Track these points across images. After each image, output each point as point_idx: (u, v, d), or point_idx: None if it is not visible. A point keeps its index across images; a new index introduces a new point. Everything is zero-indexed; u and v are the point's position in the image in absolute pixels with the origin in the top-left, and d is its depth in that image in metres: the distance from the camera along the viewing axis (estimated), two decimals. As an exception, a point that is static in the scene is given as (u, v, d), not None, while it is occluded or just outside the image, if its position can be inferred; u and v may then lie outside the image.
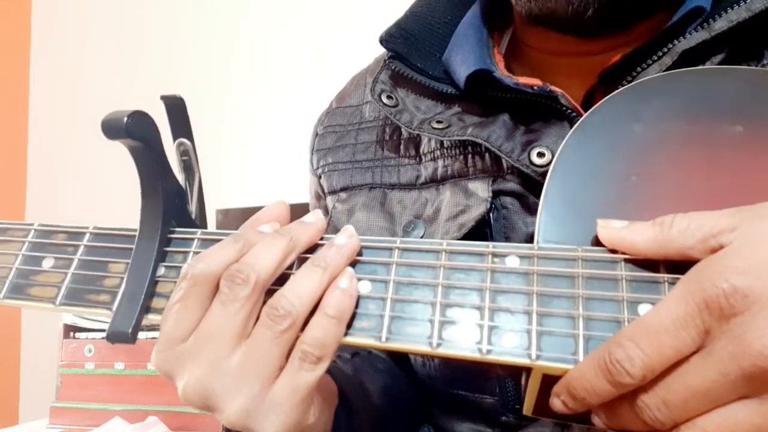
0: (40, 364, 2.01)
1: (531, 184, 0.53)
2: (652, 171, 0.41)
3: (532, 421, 0.46)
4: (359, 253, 0.41)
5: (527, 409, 0.40)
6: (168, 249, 0.44)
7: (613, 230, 0.38)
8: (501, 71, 0.56)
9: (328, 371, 0.40)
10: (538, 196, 0.52)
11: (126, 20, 2.08)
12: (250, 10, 1.92)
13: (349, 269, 0.40)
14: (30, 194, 2.18)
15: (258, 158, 1.88)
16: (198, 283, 0.39)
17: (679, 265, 0.35)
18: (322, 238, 0.42)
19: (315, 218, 0.42)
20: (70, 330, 1.31)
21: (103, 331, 1.27)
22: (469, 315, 0.38)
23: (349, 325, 0.39)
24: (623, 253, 0.37)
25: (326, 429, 0.44)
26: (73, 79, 2.13)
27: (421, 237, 0.57)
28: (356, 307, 0.39)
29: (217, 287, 0.39)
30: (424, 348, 0.37)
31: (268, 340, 0.38)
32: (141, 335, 0.40)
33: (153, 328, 1.24)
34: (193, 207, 0.46)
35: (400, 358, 0.66)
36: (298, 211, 0.63)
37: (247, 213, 0.42)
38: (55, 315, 1.33)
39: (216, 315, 0.38)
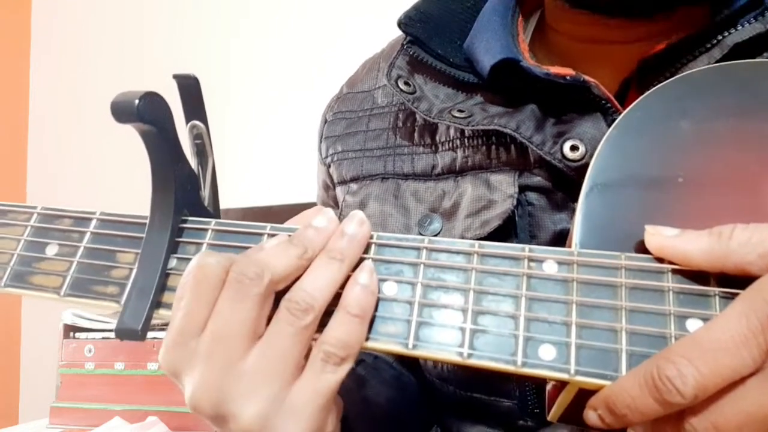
0: (40, 364, 1.99)
1: (559, 179, 0.50)
2: (701, 173, 0.38)
3: (549, 424, 0.44)
4: (383, 252, 0.39)
5: (553, 416, 0.38)
6: (180, 240, 0.41)
7: (663, 238, 0.35)
8: (527, 60, 0.52)
9: None
10: (566, 192, 0.50)
11: (126, 20, 2.07)
12: (249, 10, 1.91)
13: (368, 263, 0.38)
14: (30, 190, 2.16)
15: (258, 158, 1.86)
16: (208, 275, 0.36)
17: (730, 279, 0.33)
18: None
19: (327, 221, 0.39)
20: (70, 330, 1.31)
21: (103, 331, 1.27)
22: (503, 324, 0.35)
23: (374, 329, 0.36)
24: (670, 263, 0.35)
25: None
26: (73, 78, 2.12)
27: (438, 233, 0.54)
28: (381, 309, 0.37)
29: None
30: (454, 358, 0.35)
31: (290, 336, 0.35)
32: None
33: (153, 327, 1.23)
34: (206, 193, 0.44)
35: (408, 359, 0.62)
36: (300, 211, 0.60)
37: (247, 213, 0.39)
38: (55, 314, 1.32)
39: (225, 313, 0.36)
